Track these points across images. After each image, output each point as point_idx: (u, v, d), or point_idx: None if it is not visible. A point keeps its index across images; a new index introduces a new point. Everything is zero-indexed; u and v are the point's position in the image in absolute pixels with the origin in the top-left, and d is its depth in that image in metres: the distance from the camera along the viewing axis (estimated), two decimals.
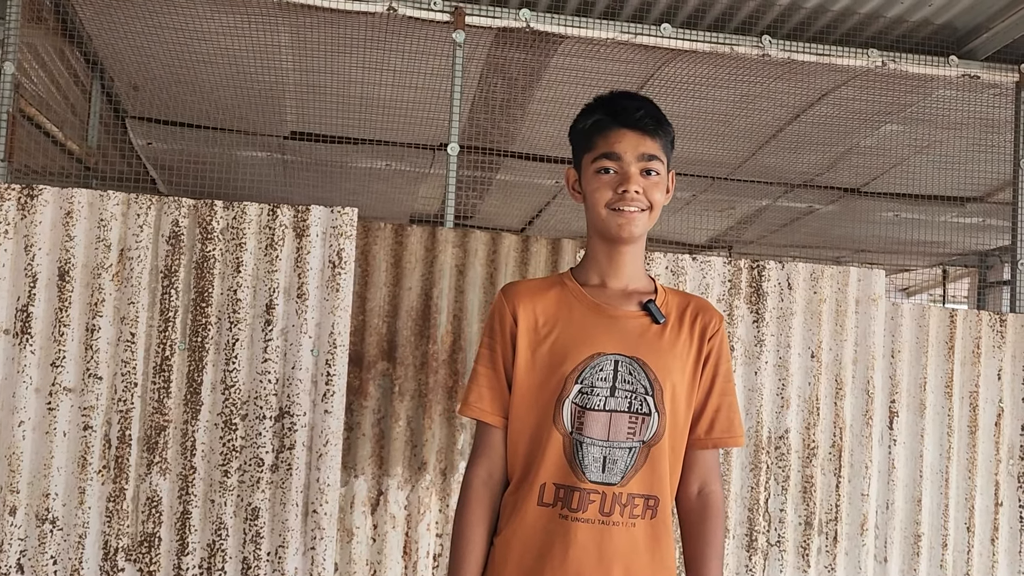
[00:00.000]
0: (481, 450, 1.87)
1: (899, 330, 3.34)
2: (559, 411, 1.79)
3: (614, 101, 1.89)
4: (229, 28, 3.36)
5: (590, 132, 1.87)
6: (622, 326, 1.85)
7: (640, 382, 1.80)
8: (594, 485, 1.77)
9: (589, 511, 1.77)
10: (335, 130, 4.35)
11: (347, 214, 2.95)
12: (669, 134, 1.90)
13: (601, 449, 1.78)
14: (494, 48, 3.45)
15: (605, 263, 1.89)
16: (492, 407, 1.85)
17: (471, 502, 1.84)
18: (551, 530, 1.77)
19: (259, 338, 2.90)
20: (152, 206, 2.90)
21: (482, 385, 1.86)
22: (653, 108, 1.89)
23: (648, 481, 1.80)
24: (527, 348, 1.84)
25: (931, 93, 3.83)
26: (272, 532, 2.86)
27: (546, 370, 1.82)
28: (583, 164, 1.89)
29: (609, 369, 1.80)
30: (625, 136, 1.83)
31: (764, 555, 3.17)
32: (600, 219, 1.85)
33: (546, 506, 1.78)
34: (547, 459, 1.79)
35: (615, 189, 1.82)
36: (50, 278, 2.83)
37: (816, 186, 5.22)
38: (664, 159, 1.87)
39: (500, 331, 1.87)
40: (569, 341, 1.83)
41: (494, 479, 1.85)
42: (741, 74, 3.63)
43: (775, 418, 3.20)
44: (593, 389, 1.79)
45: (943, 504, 3.35)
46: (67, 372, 2.82)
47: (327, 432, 2.89)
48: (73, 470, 2.80)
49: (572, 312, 1.86)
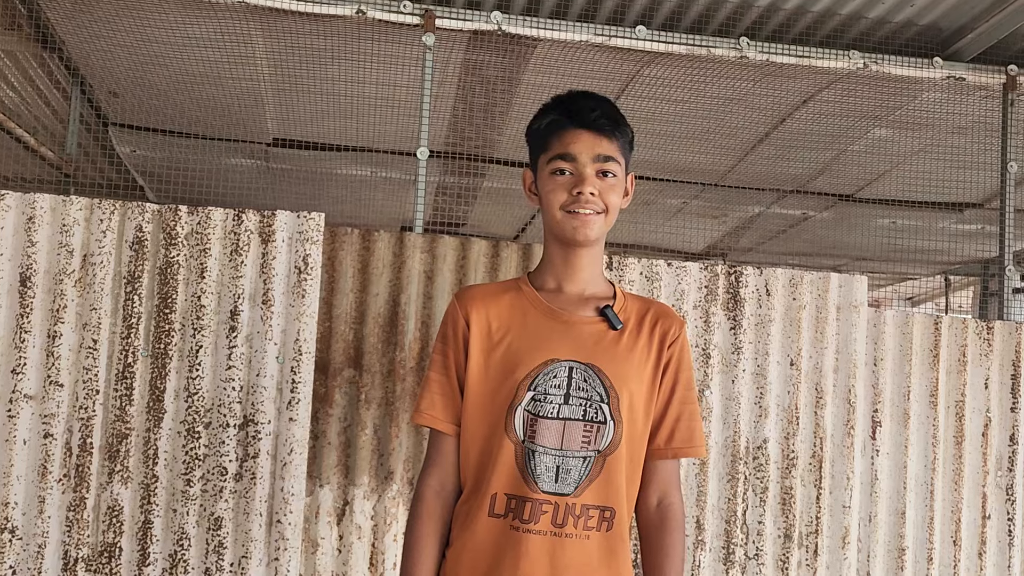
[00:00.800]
0: (433, 459, 1.82)
1: (882, 337, 3.26)
2: (511, 419, 1.74)
3: (570, 101, 1.84)
4: (200, 33, 3.34)
5: (545, 133, 1.83)
6: (577, 332, 1.79)
7: (595, 389, 1.75)
8: (546, 496, 1.72)
9: (541, 522, 1.71)
10: (317, 137, 4.32)
11: (313, 219, 2.91)
12: (627, 135, 1.85)
13: (554, 458, 1.72)
14: (469, 52, 3.42)
15: (561, 267, 1.84)
16: (444, 414, 1.80)
17: (422, 514, 1.79)
18: (502, 542, 1.72)
19: (223, 345, 2.86)
20: (115, 211, 2.86)
21: (434, 392, 1.82)
22: (610, 108, 1.84)
23: (603, 492, 1.74)
24: (480, 354, 1.79)
25: (917, 96, 3.76)
26: (235, 542, 2.81)
27: (499, 377, 1.77)
28: (539, 165, 1.84)
29: (563, 376, 1.75)
30: (580, 137, 1.79)
31: (742, 568, 3.09)
32: (555, 221, 1.80)
33: (497, 517, 1.73)
34: (498, 468, 1.74)
35: (570, 191, 1.77)
36: (11, 284, 2.80)
37: (809, 192, 5.15)
38: (621, 161, 1.82)
39: (453, 336, 1.82)
40: (522, 347, 1.78)
41: (446, 489, 1.81)
42: (721, 78, 3.58)
43: (753, 428, 3.13)
44: (546, 396, 1.74)
45: (928, 517, 3.27)
46: (28, 379, 2.78)
47: (292, 441, 2.84)
48: (33, 479, 2.76)
49: (526, 317, 1.81)
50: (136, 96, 4.10)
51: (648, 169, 4.89)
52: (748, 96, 3.84)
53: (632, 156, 1.89)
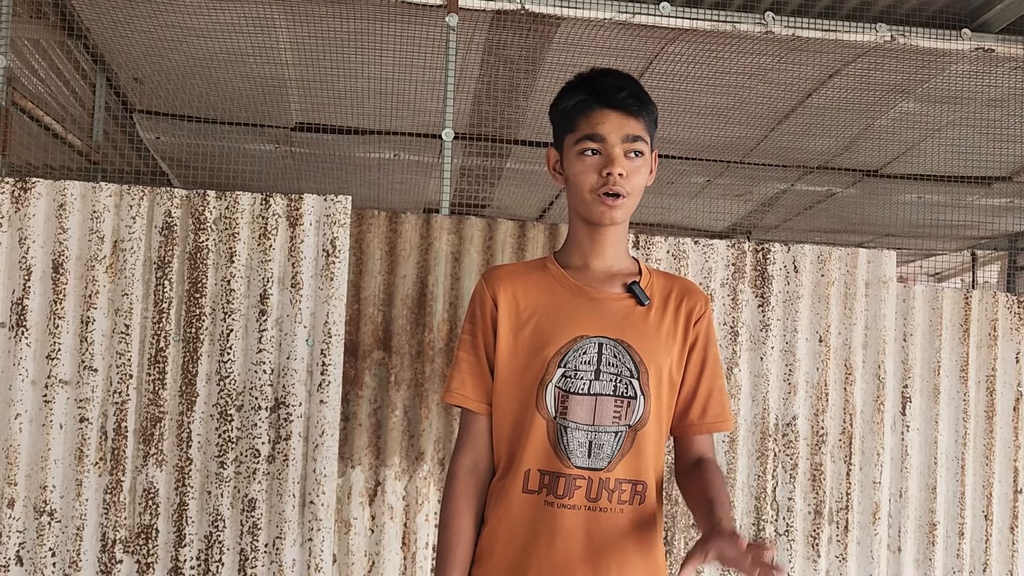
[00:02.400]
0: (465, 438, 1.84)
1: (911, 313, 3.24)
2: (542, 396, 1.75)
3: (597, 80, 1.83)
4: (223, 18, 3.34)
5: (572, 113, 1.82)
6: (605, 308, 1.80)
7: (625, 365, 1.76)
8: (580, 471, 1.73)
9: (575, 497, 1.73)
10: (340, 121, 4.33)
11: (340, 202, 2.92)
12: (652, 113, 1.84)
13: (586, 434, 1.74)
14: (492, 32, 3.40)
15: (587, 245, 1.85)
16: (475, 393, 1.82)
17: (456, 492, 1.80)
18: (537, 517, 1.74)
19: (254, 328, 2.88)
20: (144, 197, 2.88)
21: (464, 372, 1.83)
22: (637, 87, 1.83)
23: (635, 466, 1.76)
24: (508, 333, 1.81)
25: (945, 69, 3.71)
26: (269, 523, 2.84)
27: (528, 354, 1.78)
28: (565, 145, 1.84)
29: (593, 352, 1.76)
30: (609, 117, 1.78)
31: (772, 545, 3.09)
32: (584, 204, 1.81)
33: (531, 493, 1.75)
34: (531, 445, 1.75)
35: (599, 172, 1.77)
36: (44, 271, 2.83)
37: (833, 168, 5.11)
38: (648, 139, 1.82)
39: (481, 316, 1.83)
40: (551, 324, 1.79)
41: (480, 467, 1.82)
42: (746, 54, 3.55)
43: (782, 405, 3.12)
44: (577, 372, 1.75)
45: (959, 492, 3.26)
46: (63, 364, 2.82)
47: (323, 422, 2.87)
48: (70, 462, 2.80)
49: (554, 295, 1.82)
50: (160, 83, 4.12)
51: (672, 148, 4.87)
52: (773, 72, 3.80)
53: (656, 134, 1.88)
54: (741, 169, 5.17)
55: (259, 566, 2.82)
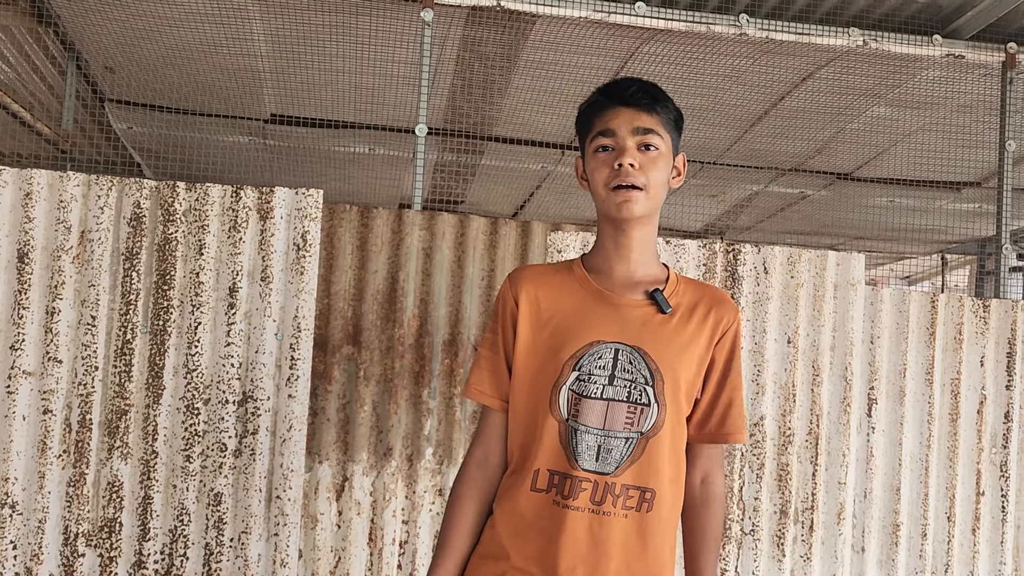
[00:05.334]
0: (480, 432, 1.88)
1: (879, 315, 3.27)
2: (555, 397, 1.78)
3: (612, 84, 1.87)
4: (197, 7, 3.31)
5: (588, 115, 1.86)
6: (624, 314, 1.81)
7: (640, 372, 1.77)
8: (586, 473, 1.75)
9: (580, 499, 1.75)
10: (314, 113, 4.30)
11: (312, 196, 2.91)
12: (670, 111, 1.85)
13: (596, 438, 1.76)
14: (467, 28, 3.39)
15: (612, 248, 1.85)
16: (492, 390, 1.85)
17: (463, 480, 1.85)
18: (543, 515, 1.77)
19: (222, 321, 2.86)
20: (113, 187, 2.85)
21: (483, 368, 1.86)
22: (650, 86, 1.85)
23: (644, 473, 1.77)
24: (528, 332, 1.83)
25: (916, 74, 3.75)
26: (235, 518, 2.82)
27: (545, 356, 1.80)
28: (586, 149, 1.86)
29: (608, 357, 1.77)
30: (620, 112, 1.81)
31: (738, 544, 3.12)
32: (601, 200, 1.82)
33: (539, 492, 1.78)
34: (542, 445, 1.78)
35: (612, 166, 1.78)
36: (9, 260, 2.80)
37: (806, 171, 5.14)
38: (664, 135, 1.82)
39: (502, 315, 1.86)
40: (568, 327, 1.81)
41: (491, 461, 1.85)
42: (720, 55, 3.56)
43: (750, 405, 3.14)
44: (591, 377, 1.77)
45: (923, 493, 3.29)
46: (26, 355, 2.78)
47: (291, 417, 2.85)
48: (33, 454, 2.77)
49: (575, 298, 1.84)
50: (132, 72, 4.08)
51: None
52: (747, 74, 3.82)
53: (680, 138, 1.89)
54: (715, 170, 5.19)
55: (224, 560, 2.80)
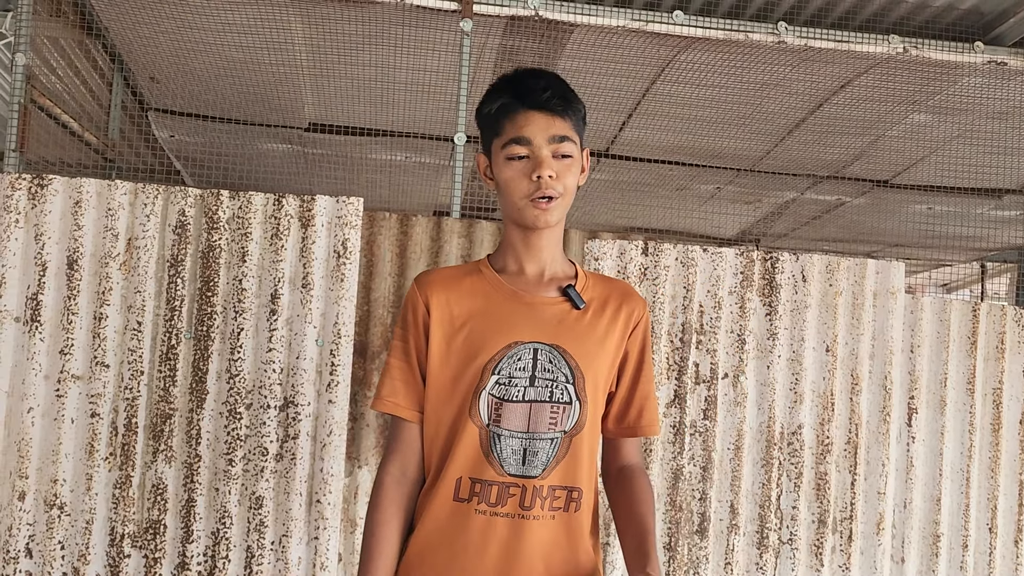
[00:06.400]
0: (394, 446, 1.79)
1: (919, 324, 3.25)
2: (475, 403, 1.72)
3: (518, 82, 1.79)
4: (239, 19, 3.37)
5: (497, 116, 1.78)
6: (540, 313, 1.77)
7: (561, 370, 1.74)
8: (513, 479, 1.71)
9: (508, 505, 1.70)
10: (353, 122, 4.35)
11: (352, 204, 2.95)
12: (580, 111, 1.80)
13: (521, 441, 1.71)
14: (505, 38, 3.43)
15: (522, 248, 1.80)
16: (406, 401, 1.78)
17: (382, 501, 1.75)
18: (467, 526, 1.71)
19: (264, 328, 2.91)
20: (159, 196, 2.91)
21: (395, 378, 1.78)
22: (561, 86, 1.79)
23: (570, 472, 1.74)
24: (441, 340, 1.76)
25: (957, 81, 3.72)
26: (276, 521, 2.86)
27: (462, 362, 1.74)
28: (493, 150, 1.80)
29: (528, 358, 1.73)
30: (533, 119, 1.74)
31: (776, 553, 3.10)
32: (517, 209, 1.76)
33: (461, 501, 1.72)
34: (461, 452, 1.72)
35: (529, 176, 1.73)
36: (59, 267, 2.86)
37: (844, 178, 5.11)
38: (576, 139, 1.78)
39: (413, 322, 1.79)
40: (485, 331, 1.75)
41: (408, 476, 1.78)
42: (758, 63, 3.56)
43: (788, 414, 3.13)
44: (511, 380, 1.72)
45: (964, 504, 3.26)
46: (75, 360, 2.85)
47: (331, 422, 2.89)
48: (81, 457, 2.83)
49: (488, 301, 1.78)
50: (175, 82, 4.16)
51: (682, 154, 4.88)
52: (785, 81, 3.82)
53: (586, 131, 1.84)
54: (751, 177, 5.18)
55: (265, 563, 2.84)
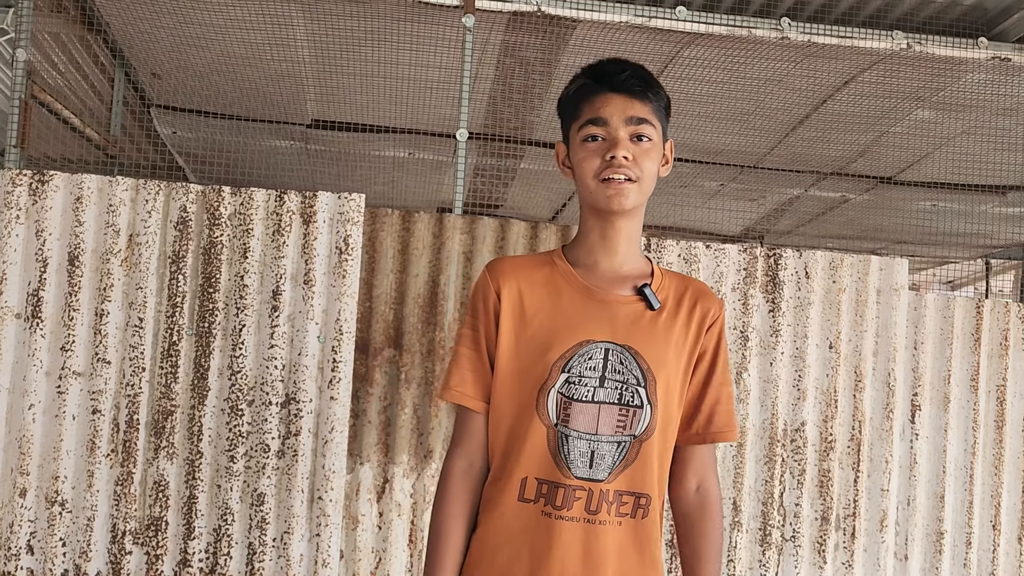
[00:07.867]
0: (461, 438, 1.74)
1: (922, 321, 3.24)
2: (543, 401, 1.66)
3: (599, 66, 1.76)
4: (241, 15, 3.36)
5: (575, 99, 1.74)
6: (614, 312, 1.72)
7: (632, 372, 1.68)
8: (580, 481, 1.65)
9: (575, 509, 1.65)
10: (355, 118, 4.35)
11: (354, 200, 2.94)
12: (661, 98, 1.76)
13: (588, 443, 1.66)
14: (508, 33, 3.41)
15: (598, 241, 1.75)
16: (474, 391, 1.72)
17: (449, 495, 1.72)
18: (533, 528, 1.66)
19: (266, 324, 2.90)
20: (160, 192, 2.91)
21: (464, 368, 1.73)
22: (641, 71, 1.75)
23: (638, 478, 1.68)
24: (511, 330, 1.71)
25: (961, 77, 3.71)
26: (278, 518, 2.86)
27: (531, 356, 1.69)
28: (571, 135, 1.75)
29: (599, 358, 1.68)
30: (611, 100, 1.70)
31: (779, 550, 3.10)
32: (589, 191, 1.71)
33: (527, 502, 1.67)
34: (529, 451, 1.67)
35: (603, 156, 1.69)
36: (60, 263, 2.86)
37: (848, 175, 5.09)
38: (656, 124, 1.73)
39: (484, 310, 1.73)
40: (556, 327, 1.70)
41: (475, 468, 1.73)
42: (762, 59, 3.55)
43: (791, 410, 3.12)
44: (581, 379, 1.67)
45: (967, 501, 3.25)
46: (76, 356, 2.84)
47: (333, 419, 2.88)
48: (82, 453, 2.83)
49: (560, 295, 1.73)
50: (177, 78, 4.15)
51: (685, 151, 4.87)
52: (788, 77, 3.80)
53: (668, 124, 1.79)
54: (755, 173, 5.16)
55: (267, 560, 2.84)
